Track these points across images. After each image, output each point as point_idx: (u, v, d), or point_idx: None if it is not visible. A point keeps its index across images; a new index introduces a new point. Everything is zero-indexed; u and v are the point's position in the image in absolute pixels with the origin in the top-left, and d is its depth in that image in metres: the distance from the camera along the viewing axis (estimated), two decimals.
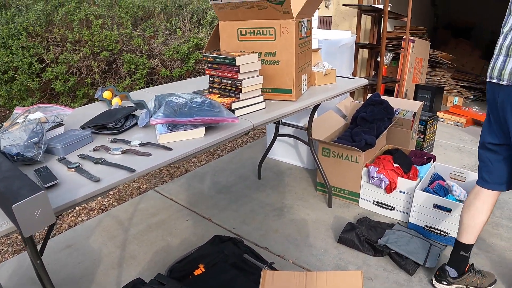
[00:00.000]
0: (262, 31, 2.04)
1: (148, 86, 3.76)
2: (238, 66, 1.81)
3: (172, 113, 1.56)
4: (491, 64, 1.79)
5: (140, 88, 3.60)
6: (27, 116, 1.64)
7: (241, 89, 1.83)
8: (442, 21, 11.16)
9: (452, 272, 2.06)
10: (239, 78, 1.83)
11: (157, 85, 3.78)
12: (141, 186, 3.26)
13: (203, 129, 1.58)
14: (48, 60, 3.39)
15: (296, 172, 3.48)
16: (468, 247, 2.01)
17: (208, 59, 1.95)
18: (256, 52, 2.01)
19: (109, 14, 3.49)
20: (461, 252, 2.03)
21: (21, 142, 1.38)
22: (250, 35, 2.08)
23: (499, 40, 1.80)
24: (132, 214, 2.82)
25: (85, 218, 2.80)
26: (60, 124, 1.64)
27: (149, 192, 3.14)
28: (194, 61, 3.77)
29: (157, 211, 2.84)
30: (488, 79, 1.81)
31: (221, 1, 2.00)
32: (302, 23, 2.12)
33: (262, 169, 3.37)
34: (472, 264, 2.11)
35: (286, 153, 3.65)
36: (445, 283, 2.07)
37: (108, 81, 3.68)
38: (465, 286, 2.09)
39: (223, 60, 1.87)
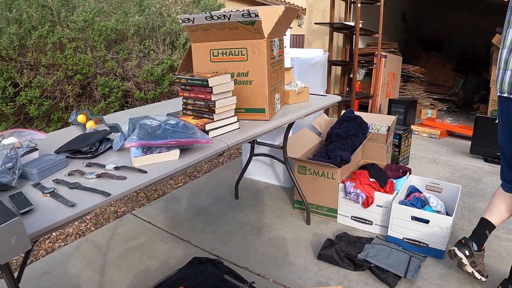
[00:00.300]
0: (234, 51, 2.07)
1: (123, 109, 3.75)
2: (211, 87, 1.83)
3: (146, 136, 1.56)
4: (499, 79, 1.89)
5: (115, 111, 3.59)
6: (0, 141, 1.62)
7: (214, 110, 1.85)
8: (413, 35, 11.42)
9: (474, 246, 2.16)
10: (212, 99, 1.85)
11: (132, 107, 3.77)
12: (118, 210, 3.23)
13: (177, 151, 1.59)
14: (22, 84, 3.36)
15: (273, 191, 3.49)
16: (492, 227, 2.18)
17: (181, 81, 1.96)
18: (229, 73, 2.03)
19: (82, 37, 3.48)
20: (486, 230, 2.18)
21: None
22: (223, 56, 2.10)
23: (502, 54, 1.90)
24: (110, 238, 2.79)
25: (63, 244, 2.76)
26: (34, 149, 1.63)
27: (127, 216, 3.11)
28: (168, 83, 3.78)
29: (135, 235, 2.81)
30: (498, 94, 1.93)
31: (193, 22, 2.02)
32: (273, 42, 2.16)
33: (239, 189, 3.38)
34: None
35: (263, 172, 3.67)
36: (468, 253, 2.15)
37: (83, 104, 3.66)
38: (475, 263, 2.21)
39: (196, 82, 1.89)
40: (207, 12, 1.96)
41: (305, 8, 6.55)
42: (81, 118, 2.19)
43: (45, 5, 3.49)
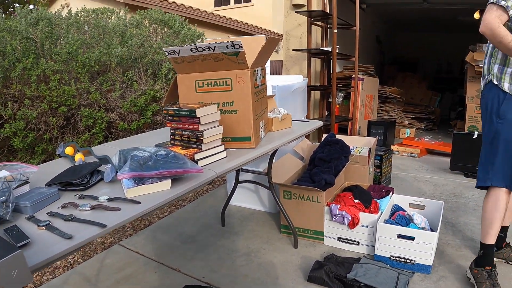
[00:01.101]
0: (219, 82, 2.13)
1: (107, 140, 3.77)
2: (199, 117, 1.88)
3: (138, 167, 1.60)
4: None
5: (99, 143, 3.60)
6: None
7: (202, 140, 1.90)
8: (388, 57, 11.70)
9: None
10: (200, 130, 1.90)
11: (116, 138, 3.79)
12: (105, 241, 3.22)
13: (169, 181, 1.63)
14: (6, 116, 3.36)
15: (259, 217, 3.53)
16: (504, 228, 2.55)
17: (169, 112, 2.01)
18: (215, 103, 2.09)
19: (66, 69, 3.52)
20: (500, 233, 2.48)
21: None
22: (208, 87, 2.16)
23: None
24: (99, 270, 2.78)
25: (51, 277, 2.74)
26: (25, 182, 1.64)
27: (114, 247, 3.11)
28: (151, 113, 3.82)
29: (124, 265, 2.81)
30: None
31: (178, 54, 2.09)
32: (256, 72, 2.23)
33: (225, 216, 3.41)
34: (509, 242, 2.63)
35: (248, 199, 3.71)
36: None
37: (67, 136, 3.67)
38: (504, 260, 2.61)
39: (183, 113, 1.94)
40: (192, 44, 2.03)
41: (281, 35, 6.69)
42: (69, 150, 2.21)
43: (29, 37, 3.53)
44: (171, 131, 2.05)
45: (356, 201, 2.91)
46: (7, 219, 1.37)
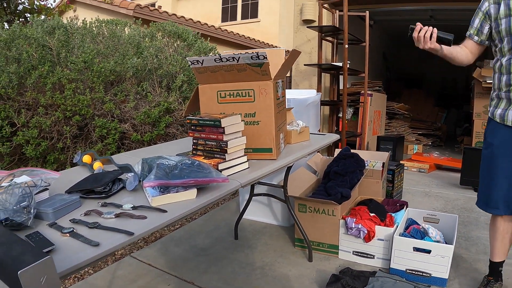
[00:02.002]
0: (242, 93, 2.13)
1: (119, 151, 3.76)
2: (223, 127, 1.87)
3: (165, 176, 1.59)
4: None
5: (112, 153, 3.59)
6: (12, 179, 1.62)
7: (226, 150, 1.89)
8: (394, 73, 11.74)
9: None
10: (224, 140, 1.89)
11: (128, 149, 3.78)
12: (116, 252, 3.19)
13: (195, 191, 1.61)
14: (19, 124, 3.35)
15: (272, 230, 3.50)
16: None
17: (192, 122, 2.00)
18: (237, 114, 2.08)
19: (81, 78, 3.52)
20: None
21: (10, 206, 1.34)
22: (230, 97, 2.16)
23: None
24: (111, 281, 2.75)
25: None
26: (45, 189, 1.62)
27: (126, 258, 3.07)
28: (164, 125, 3.81)
29: (136, 277, 2.78)
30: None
31: (202, 64, 2.09)
32: (278, 84, 2.23)
33: (237, 229, 3.38)
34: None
35: (260, 212, 3.68)
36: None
37: (79, 145, 3.66)
38: None
39: (207, 122, 1.93)
40: (217, 54, 2.03)
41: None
42: (86, 158, 2.19)
43: (45, 45, 3.54)
44: (194, 140, 2.04)
45: (371, 214, 2.89)
46: (29, 225, 1.35)
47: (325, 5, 5.83)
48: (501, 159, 2.17)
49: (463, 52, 2.30)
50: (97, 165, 2.08)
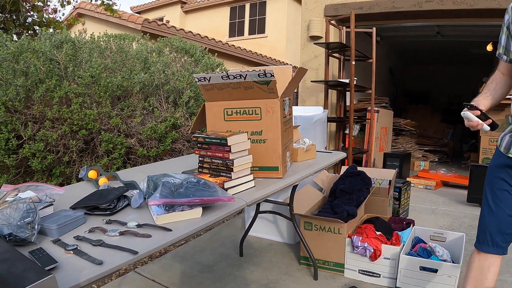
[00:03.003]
0: (248, 111, 2.12)
1: (125, 166, 3.76)
2: (230, 146, 1.87)
3: (170, 194, 1.58)
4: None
5: (117, 168, 3.59)
6: (16, 194, 1.61)
7: (232, 168, 1.88)
8: (400, 89, 11.74)
9: None
10: (230, 158, 1.88)
11: (134, 165, 3.78)
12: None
13: (200, 209, 1.60)
14: (25, 137, 3.37)
15: (277, 248, 3.47)
16: None
17: (198, 140, 2.00)
18: (243, 132, 2.08)
19: (88, 92, 3.54)
20: None
21: (14, 221, 1.34)
22: (236, 115, 2.16)
23: None
24: None
25: None
26: (50, 204, 1.61)
27: (130, 274, 3.05)
28: (171, 140, 3.82)
29: None
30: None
31: (209, 81, 2.09)
32: (285, 102, 2.23)
33: (242, 246, 3.36)
34: None
35: (266, 229, 3.66)
36: None
37: (85, 160, 3.67)
38: None
39: (214, 141, 1.93)
40: (224, 72, 2.03)
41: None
42: (92, 174, 2.19)
43: (53, 59, 3.57)
44: (200, 158, 2.03)
45: (378, 233, 2.86)
46: (32, 241, 1.34)
47: (332, 22, 5.85)
48: None
49: (503, 86, 2.00)
50: (102, 181, 2.08)
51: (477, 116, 1.80)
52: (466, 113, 1.81)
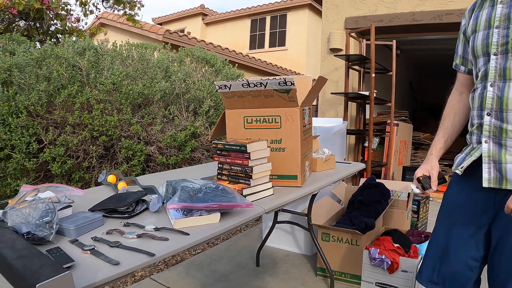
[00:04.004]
0: (268, 119, 2.12)
1: (144, 173, 3.78)
2: (249, 153, 1.87)
3: (188, 198, 1.59)
4: None
5: (136, 175, 3.62)
6: (36, 194, 1.63)
7: (251, 175, 1.87)
8: (420, 103, 11.63)
9: None
10: (249, 165, 1.88)
11: (153, 172, 3.80)
12: (136, 274, 3.18)
13: (218, 215, 1.60)
14: (46, 141, 3.42)
15: (294, 258, 3.45)
16: None
17: (218, 146, 2.00)
18: (263, 140, 2.08)
19: (109, 99, 3.58)
20: None
21: (33, 220, 1.36)
22: (256, 123, 2.16)
23: None
24: None
25: None
26: (68, 205, 1.63)
27: (145, 280, 3.06)
28: (190, 149, 3.83)
29: None
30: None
31: (229, 89, 2.10)
32: (305, 111, 2.22)
33: (259, 256, 3.34)
34: None
35: (283, 240, 3.64)
36: None
37: (104, 166, 3.70)
38: None
39: (233, 147, 1.93)
40: (244, 80, 2.04)
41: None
42: (111, 178, 2.21)
43: (75, 65, 3.63)
44: (219, 165, 2.04)
45: (396, 245, 2.82)
46: (50, 240, 1.35)
47: (352, 34, 5.83)
48: None
49: (461, 118, 1.87)
50: (121, 185, 2.09)
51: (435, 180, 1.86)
52: (415, 190, 1.92)
